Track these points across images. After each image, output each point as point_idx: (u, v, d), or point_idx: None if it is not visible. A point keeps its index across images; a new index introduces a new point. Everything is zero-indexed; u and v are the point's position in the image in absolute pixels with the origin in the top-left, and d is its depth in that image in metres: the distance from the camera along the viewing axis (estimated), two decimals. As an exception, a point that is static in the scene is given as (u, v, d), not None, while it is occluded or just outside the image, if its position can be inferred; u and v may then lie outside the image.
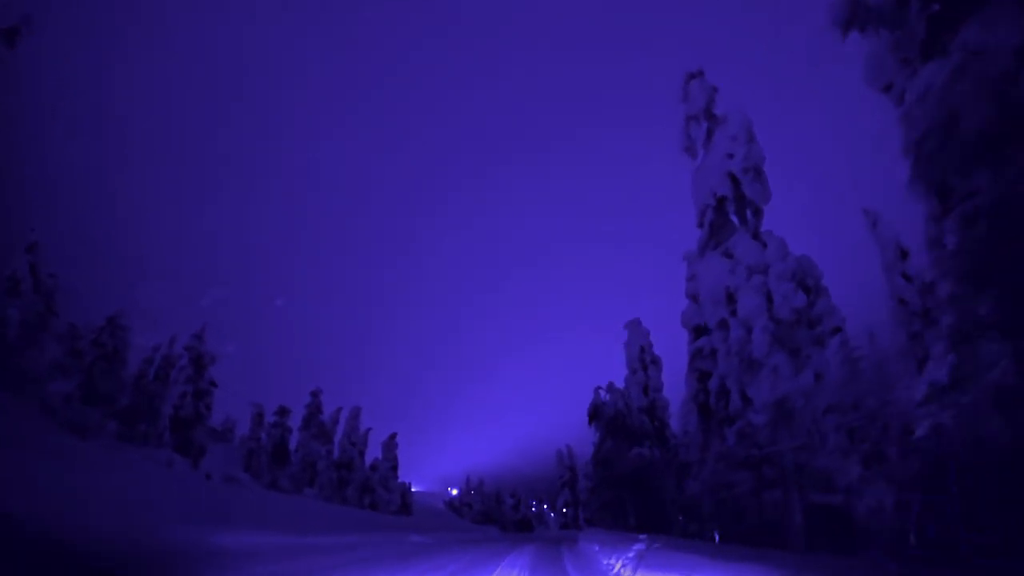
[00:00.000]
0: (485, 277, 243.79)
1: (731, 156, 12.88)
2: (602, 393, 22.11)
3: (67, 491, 7.32)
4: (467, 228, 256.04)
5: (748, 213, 12.93)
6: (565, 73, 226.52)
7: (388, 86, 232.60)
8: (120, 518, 7.00)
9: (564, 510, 46.48)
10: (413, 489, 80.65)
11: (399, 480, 48.56)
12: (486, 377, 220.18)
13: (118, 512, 7.39)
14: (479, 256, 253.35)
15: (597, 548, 12.22)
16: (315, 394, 36.71)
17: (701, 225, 14.17)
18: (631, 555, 8.67)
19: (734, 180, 12.75)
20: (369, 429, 44.06)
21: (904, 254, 13.46)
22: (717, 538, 14.19)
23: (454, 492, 64.43)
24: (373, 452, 47.63)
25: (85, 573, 4.02)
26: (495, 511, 55.21)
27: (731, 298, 12.40)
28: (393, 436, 44.09)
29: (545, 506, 58.69)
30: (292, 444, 40.14)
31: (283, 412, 41.24)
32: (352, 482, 40.27)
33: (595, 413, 21.04)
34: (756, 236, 12.47)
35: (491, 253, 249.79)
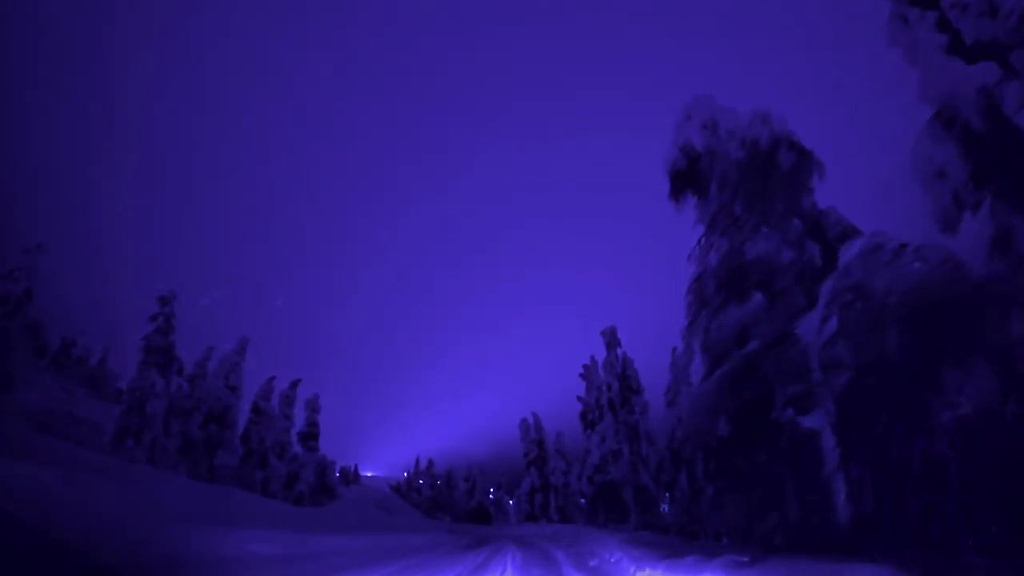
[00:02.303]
0: (443, 257, 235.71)
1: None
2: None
3: None
4: (422, 212, 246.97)
5: None
6: (542, 48, 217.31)
7: (350, 77, 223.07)
8: None
9: (532, 496, 34.85)
10: (369, 474, 70.84)
11: (320, 452, 36.39)
12: (446, 360, 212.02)
13: None
14: (435, 237, 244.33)
15: None
16: (165, 301, 23.64)
17: None
18: None
19: None
20: (272, 377, 31.64)
21: None
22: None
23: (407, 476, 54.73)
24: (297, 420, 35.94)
25: None
26: (445, 498, 43.17)
27: None
28: (295, 384, 31.64)
29: (503, 493, 46.95)
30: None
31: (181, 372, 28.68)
32: (225, 443, 27.73)
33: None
34: None
35: (448, 234, 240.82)
